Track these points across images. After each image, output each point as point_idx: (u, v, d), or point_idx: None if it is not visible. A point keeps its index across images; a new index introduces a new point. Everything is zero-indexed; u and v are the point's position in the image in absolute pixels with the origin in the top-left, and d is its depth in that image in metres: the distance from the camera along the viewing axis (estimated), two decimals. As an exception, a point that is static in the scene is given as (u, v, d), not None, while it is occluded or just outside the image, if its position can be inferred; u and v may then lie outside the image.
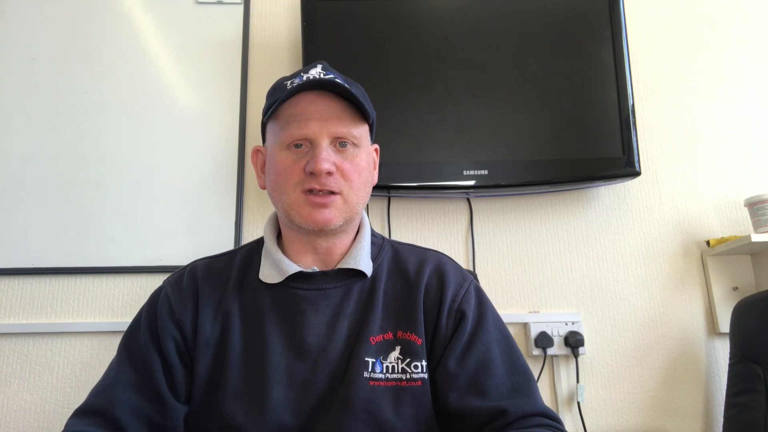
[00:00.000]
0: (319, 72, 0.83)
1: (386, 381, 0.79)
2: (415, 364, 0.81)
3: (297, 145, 0.80)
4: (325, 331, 0.82)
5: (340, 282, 0.85)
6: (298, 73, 0.84)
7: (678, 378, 1.52)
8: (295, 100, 0.81)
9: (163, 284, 0.90)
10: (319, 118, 0.80)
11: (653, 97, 1.72)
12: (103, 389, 0.80)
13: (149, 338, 0.83)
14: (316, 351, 0.80)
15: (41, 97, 1.60)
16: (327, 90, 0.82)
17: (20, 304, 1.48)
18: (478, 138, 1.53)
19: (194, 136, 1.61)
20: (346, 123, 0.81)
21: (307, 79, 0.81)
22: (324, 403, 0.78)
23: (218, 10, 1.71)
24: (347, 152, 0.82)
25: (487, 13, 1.61)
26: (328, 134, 0.80)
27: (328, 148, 0.80)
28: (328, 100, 0.81)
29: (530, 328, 1.50)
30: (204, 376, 0.81)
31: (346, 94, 0.81)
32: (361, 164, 0.83)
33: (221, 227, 1.54)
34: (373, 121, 0.88)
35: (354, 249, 0.87)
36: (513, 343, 0.85)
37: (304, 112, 0.80)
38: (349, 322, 0.83)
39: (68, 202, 1.53)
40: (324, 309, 0.83)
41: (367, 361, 0.80)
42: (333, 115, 0.81)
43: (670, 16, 1.79)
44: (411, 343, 0.82)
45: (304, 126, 0.80)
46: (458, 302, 0.85)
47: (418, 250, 0.94)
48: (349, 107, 0.83)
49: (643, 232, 1.62)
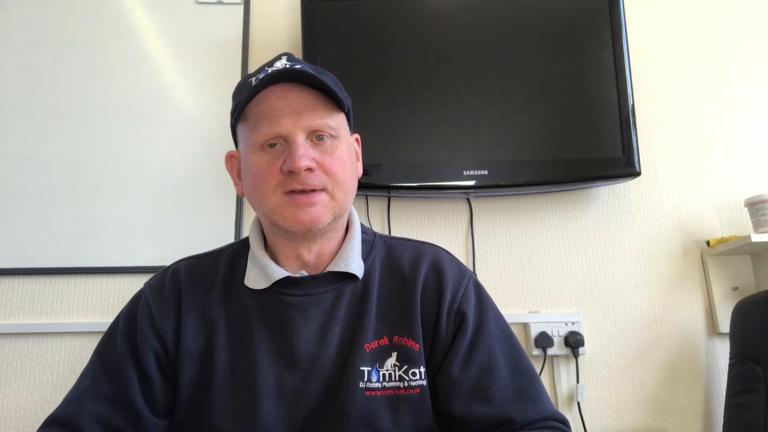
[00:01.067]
0: (284, 64, 0.78)
1: (383, 390, 0.75)
2: (413, 371, 0.77)
3: (271, 145, 0.75)
4: (316, 338, 0.77)
5: (330, 286, 0.80)
6: (263, 67, 0.79)
7: (678, 378, 1.52)
8: (262, 96, 0.76)
9: (144, 288, 0.85)
10: (290, 113, 0.74)
11: (653, 97, 1.72)
12: (73, 399, 0.76)
13: (126, 347, 0.79)
14: (307, 360, 0.76)
15: (41, 97, 1.60)
16: (295, 81, 0.76)
17: (20, 304, 1.48)
18: (478, 138, 1.53)
19: (194, 136, 1.61)
20: (320, 114, 0.76)
21: (272, 71, 0.76)
22: (317, 415, 0.74)
23: (218, 10, 1.71)
24: (325, 145, 0.76)
25: (487, 13, 1.61)
26: (303, 128, 0.74)
27: (305, 144, 0.75)
28: (297, 92, 0.76)
29: (530, 328, 1.50)
30: (188, 389, 0.77)
31: (317, 84, 0.76)
32: (342, 156, 0.78)
33: (221, 227, 1.54)
34: (349, 109, 0.82)
35: (344, 250, 0.82)
36: (515, 341, 0.82)
37: (273, 107, 0.75)
38: (341, 328, 0.78)
39: (68, 202, 1.53)
40: (314, 315, 0.78)
41: (362, 370, 0.75)
42: (305, 107, 0.75)
43: (669, 16, 1.79)
44: (408, 349, 0.78)
45: (275, 123, 0.74)
46: (458, 302, 0.81)
47: (413, 245, 0.88)
48: (321, 97, 0.77)
49: (643, 232, 1.62)
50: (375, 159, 1.47)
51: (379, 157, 1.48)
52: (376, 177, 1.48)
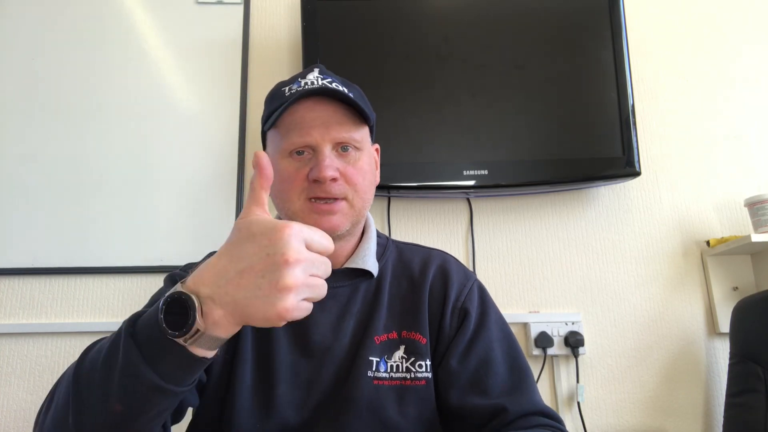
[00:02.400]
0: (316, 77, 0.84)
1: (390, 380, 0.80)
2: (420, 364, 0.82)
3: (299, 152, 0.81)
4: (331, 330, 0.83)
5: (347, 281, 0.86)
6: (296, 78, 0.85)
7: (678, 378, 1.51)
8: (295, 107, 0.81)
9: (177, 271, 0.89)
10: (320, 125, 0.80)
11: (653, 97, 1.72)
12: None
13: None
14: (321, 350, 0.82)
15: (41, 97, 1.60)
16: (326, 96, 0.82)
17: (20, 304, 1.48)
18: (478, 138, 1.53)
19: (194, 136, 1.61)
20: (347, 128, 0.82)
21: (305, 85, 0.82)
22: (327, 401, 0.79)
23: (218, 10, 1.71)
24: (350, 156, 0.83)
25: (487, 13, 1.61)
26: (330, 140, 0.81)
27: (331, 154, 0.81)
28: (327, 105, 0.82)
29: (530, 328, 1.50)
30: (219, 366, 0.81)
31: (346, 99, 0.81)
32: (364, 167, 0.84)
33: (221, 227, 1.54)
34: (373, 122, 0.89)
35: (361, 249, 0.88)
36: (515, 343, 0.86)
37: (304, 119, 0.81)
38: (354, 321, 0.84)
39: (68, 202, 1.53)
40: (330, 308, 0.84)
41: (371, 360, 0.81)
42: (334, 120, 0.81)
43: (670, 16, 1.79)
44: (415, 342, 0.83)
45: (305, 133, 0.80)
46: (462, 301, 0.86)
47: (423, 250, 0.96)
48: (348, 111, 0.83)
49: (643, 232, 1.62)
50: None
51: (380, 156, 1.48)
52: (376, 177, 1.48)
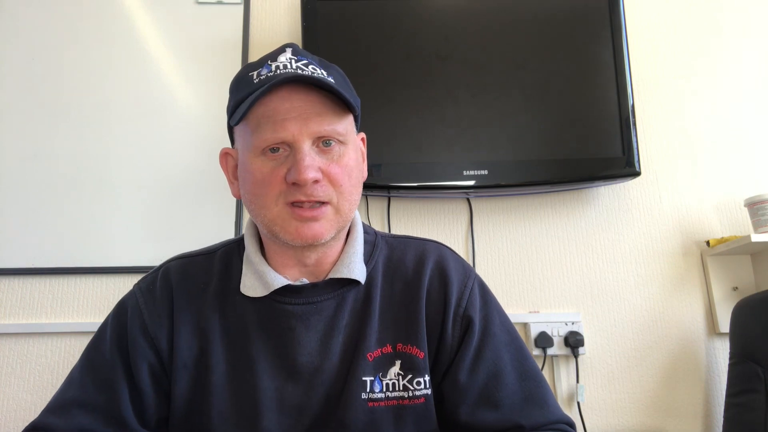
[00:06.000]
0: (289, 58, 0.72)
1: (386, 401, 0.73)
2: (418, 381, 0.74)
3: (273, 150, 0.69)
4: (319, 348, 0.74)
5: (331, 293, 0.76)
6: (265, 61, 0.73)
7: (678, 378, 1.51)
8: (265, 97, 0.69)
9: (133, 290, 0.80)
10: (296, 117, 0.68)
11: (653, 97, 1.72)
12: (59, 407, 0.73)
13: (117, 356, 0.74)
14: (309, 371, 0.73)
15: (41, 96, 1.60)
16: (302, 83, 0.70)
17: (20, 304, 1.48)
18: (478, 138, 1.53)
19: (194, 136, 1.61)
20: (328, 119, 0.70)
21: (276, 69, 0.70)
22: (319, 426, 0.72)
23: (218, 10, 1.71)
24: (333, 152, 0.71)
25: (487, 13, 1.61)
26: (309, 135, 0.68)
27: (311, 152, 0.69)
28: (304, 93, 0.69)
29: (530, 328, 1.50)
30: (183, 400, 0.74)
31: (326, 86, 0.69)
32: (350, 164, 0.72)
33: (221, 227, 1.54)
34: (358, 109, 0.75)
35: (346, 255, 0.78)
36: (520, 343, 0.80)
37: (277, 110, 0.68)
38: (343, 336, 0.75)
39: (68, 202, 1.53)
40: (316, 324, 0.74)
41: (364, 380, 0.73)
42: (312, 111, 0.69)
43: (669, 16, 1.79)
44: (413, 357, 0.75)
45: (279, 128, 0.68)
46: (464, 307, 0.78)
47: (415, 243, 0.84)
48: (329, 98, 0.71)
49: (642, 232, 1.62)
50: (375, 159, 1.47)
51: (379, 157, 1.48)
52: (376, 177, 1.48)
